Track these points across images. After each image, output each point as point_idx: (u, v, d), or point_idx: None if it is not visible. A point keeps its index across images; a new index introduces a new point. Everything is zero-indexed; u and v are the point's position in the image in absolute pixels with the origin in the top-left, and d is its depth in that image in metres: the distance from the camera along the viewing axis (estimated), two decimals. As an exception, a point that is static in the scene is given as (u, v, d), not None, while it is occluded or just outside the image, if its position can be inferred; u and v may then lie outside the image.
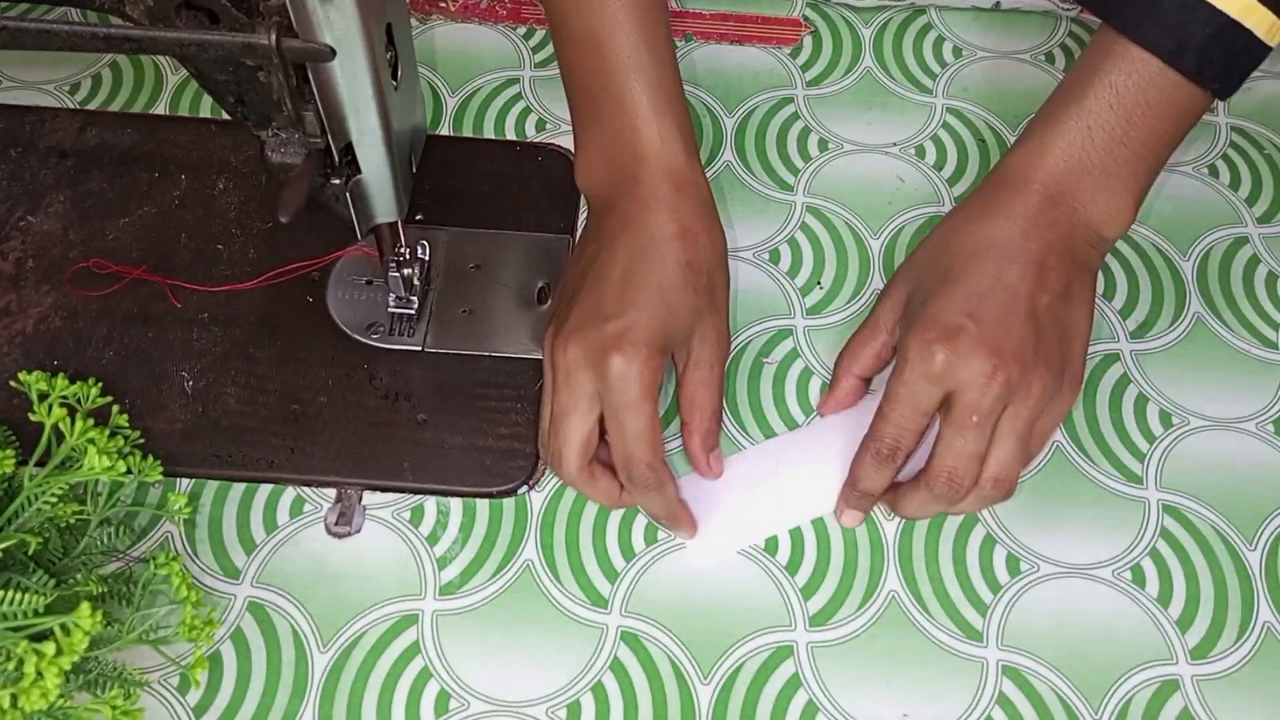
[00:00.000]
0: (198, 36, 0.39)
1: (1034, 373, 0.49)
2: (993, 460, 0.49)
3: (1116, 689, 0.51)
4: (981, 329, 0.49)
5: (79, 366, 0.56)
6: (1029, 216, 0.52)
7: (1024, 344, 0.49)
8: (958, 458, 0.49)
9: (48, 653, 0.39)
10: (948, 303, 0.50)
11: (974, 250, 0.51)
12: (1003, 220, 0.52)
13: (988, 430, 0.49)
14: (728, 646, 0.51)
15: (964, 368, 0.48)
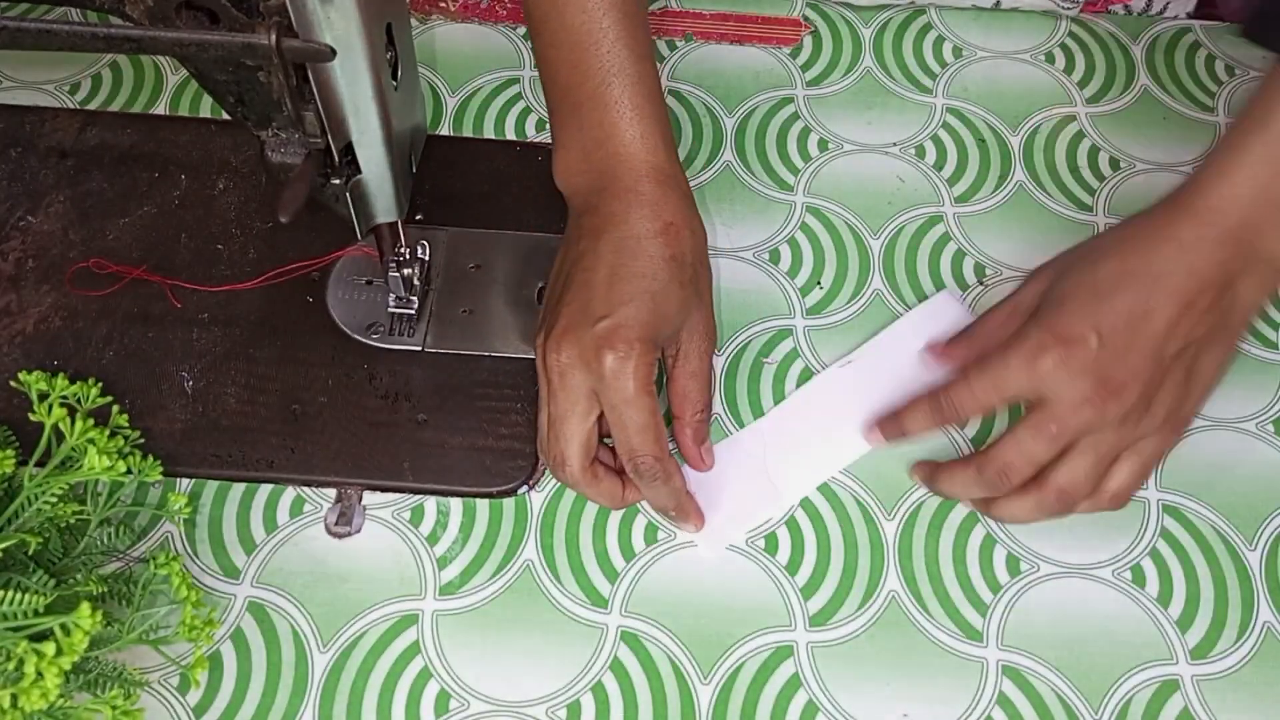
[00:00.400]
0: (198, 36, 0.39)
1: (1135, 412, 0.49)
2: (1062, 472, 0.50)
3: (1116, 689, 0.51)
4: (1102, 351, 0.48)
5: (79, 366, 0.56)
6: (1203, 252, 0.50)
7: (1137, 380, 0.49)
8: (1020, 455, 0.49)
9: (48, 653, 0.39)
10: (1083, 311, 0.50)
11: (1131, 270, 0.50)
12: (1173, 249, 0.50)
13: (1060, 445, 0.49)
14: (728, 646, 0.51)
15: (1066, 381, 0.48)
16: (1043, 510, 0.50)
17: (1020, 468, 0.50)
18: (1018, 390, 0.50)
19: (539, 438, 0.53)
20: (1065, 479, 0.50)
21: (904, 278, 0.62)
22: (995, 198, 0.65)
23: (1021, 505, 0.51)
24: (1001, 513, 0.52)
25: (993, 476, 0.50)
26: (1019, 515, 0.52)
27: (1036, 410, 0.49)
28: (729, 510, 0.54)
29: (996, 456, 0.50)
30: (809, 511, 0.54)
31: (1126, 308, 0.49)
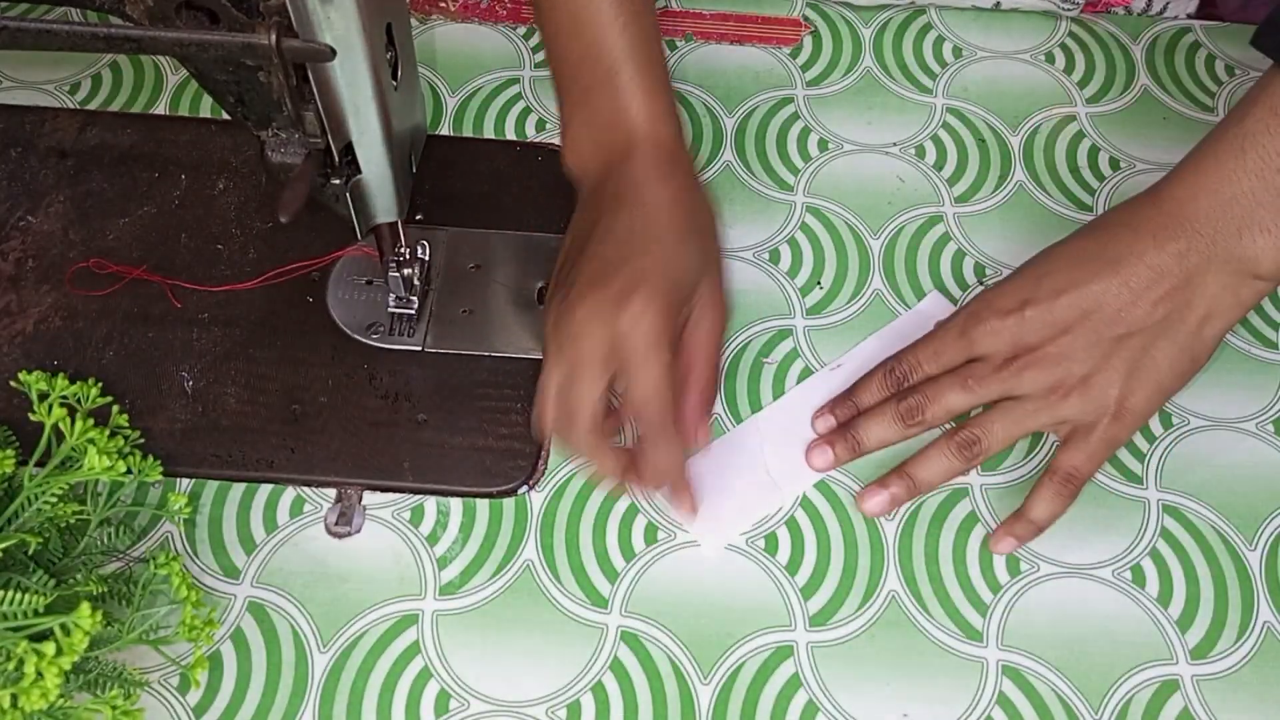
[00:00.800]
0: (198, 36, 0.39)
1: (1066, 386, 0.50)
2: (977, 420, 0.52)
3: (1116, 689, 0.51)
4: (1032, 322, 0.51)
5: (79, 366, 0.56)
6: (1158, 239, 0.50)
7: (1069, 356, 0.50)
8: (936, 394, 0.52)
9: (48, 653, 0.39)
10: (1020, 286, 0.52)
11: (1082, 252, 0.52)
12: (1128, 234, 0.51)
13: (976, 398, 0.52)
14: (728, 646, 0.51)
15: (990, 345, 0.51)
16: (953, 457, 0.52)
17: (934, 403, 0.52)
18: (953, 352, 0.52)
19: (540, 401, 0.50)
20: (978, 423, 0.51)
21: (904, 278, 0.62)
22: (995, 198, 0.65)
23: (935, 454, 0.52)
24: (917, 468, 0.53)
25: (908, 409, 0.52)
26: (933, 470, 0.52)
27: (963, 366, 0.52)
28: (730, 507, 0.54)
29: (919, 389, 0.52)
30: (809, 511, 0.54)
31: (1066, 286, 0.50)
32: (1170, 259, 0.50)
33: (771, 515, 0.54)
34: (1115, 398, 0.50)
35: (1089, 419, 0.51)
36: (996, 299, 0.52)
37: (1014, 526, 0.52)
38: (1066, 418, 0.51)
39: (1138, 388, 0.50)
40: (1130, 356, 0.50)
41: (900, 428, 0.53)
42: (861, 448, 0.54)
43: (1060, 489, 0.51)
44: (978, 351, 0.52)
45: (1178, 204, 0.50)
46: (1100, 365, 0.50)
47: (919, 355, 0.54)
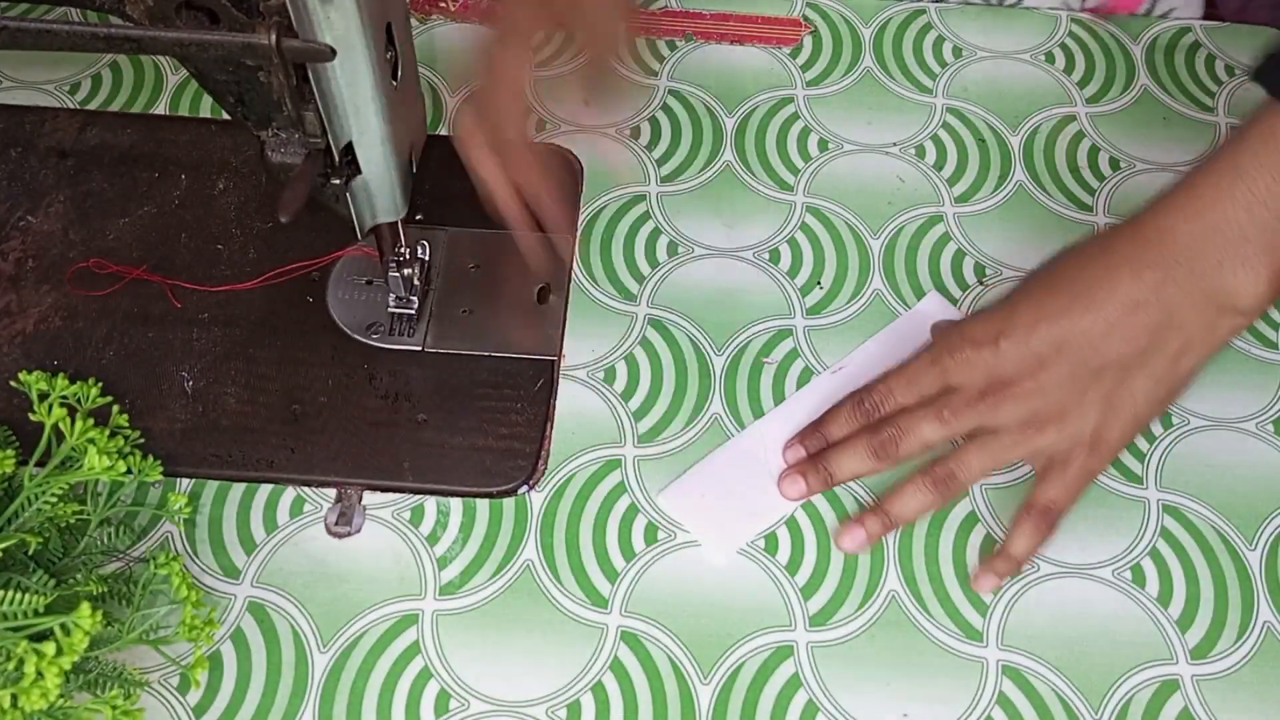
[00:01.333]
0: (198, 36, 0.39)
1: (1042, 419, 0.50)
2: (953, 455, 0.51)
3: (1116, 689, 0.51)
4: (1007, 355, 0.50)
5: (79, 366, 0.56)
6: (1137, 269, 0.49)
7: (1044, 388, 0.49)
8: (910, 425, 0.51)
9: (48, 653, 0.39)
10: (995, 317, 0.51)
11: (1057, 283, 0.51)
12: (1105, 263, 0.50)
13: (951, 430, 0.51)
14: (728, 646, 0.51)
15: (966, 377, 0.50)
16: (928, 491, 0.51)
17: (908, 436, 0.51)
18: (926, 383, 0.52)
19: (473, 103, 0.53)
20: (954, 458, 0.51)
21: (904, 278, 0.62)
22: (995, 198, 0.65)
23: (911, 490, 0.51)
24: (893, 504, 0.52)
25: (882, 444, 0.51)
26: (909, 504, 0.52)
27: (939, 398, 0.51)
28: (736, 514, 0.54)
29: (889, 423, 0.52)
30: (809, 511, 0.54)
31: (1039, 319, 0.49)
32: (1148, 290, 0.48)
33: (776, 522, 0.54)
34: (1092, 430, 0.50)
35: (1065, 451, 0.50)
36: (971, 329, 0.51)
37: (994, 564, 0.52)
38: (1042, 450, 0.50)
39: (1114, 421, 0.50)
40: (1107, 389, 0.49)
41: (873, 461, 0.52)
42: (834, 480, 0.53)
43: (1039, 523, 0.51)
44: (952, 382, 0.51)
45: (1158, 233, 0.49)
46: (1077, 398, 0.49)
47: (890, 386, 0.53)
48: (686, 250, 0.62)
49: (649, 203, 0.64)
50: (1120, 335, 0.49)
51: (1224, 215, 0.47)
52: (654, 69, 0.68)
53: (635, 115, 0.67)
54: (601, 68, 0.55)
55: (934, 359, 0.52)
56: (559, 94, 0.58)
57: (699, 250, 0.62)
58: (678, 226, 0.63)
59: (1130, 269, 0.49)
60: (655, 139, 0.66)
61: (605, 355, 0.58)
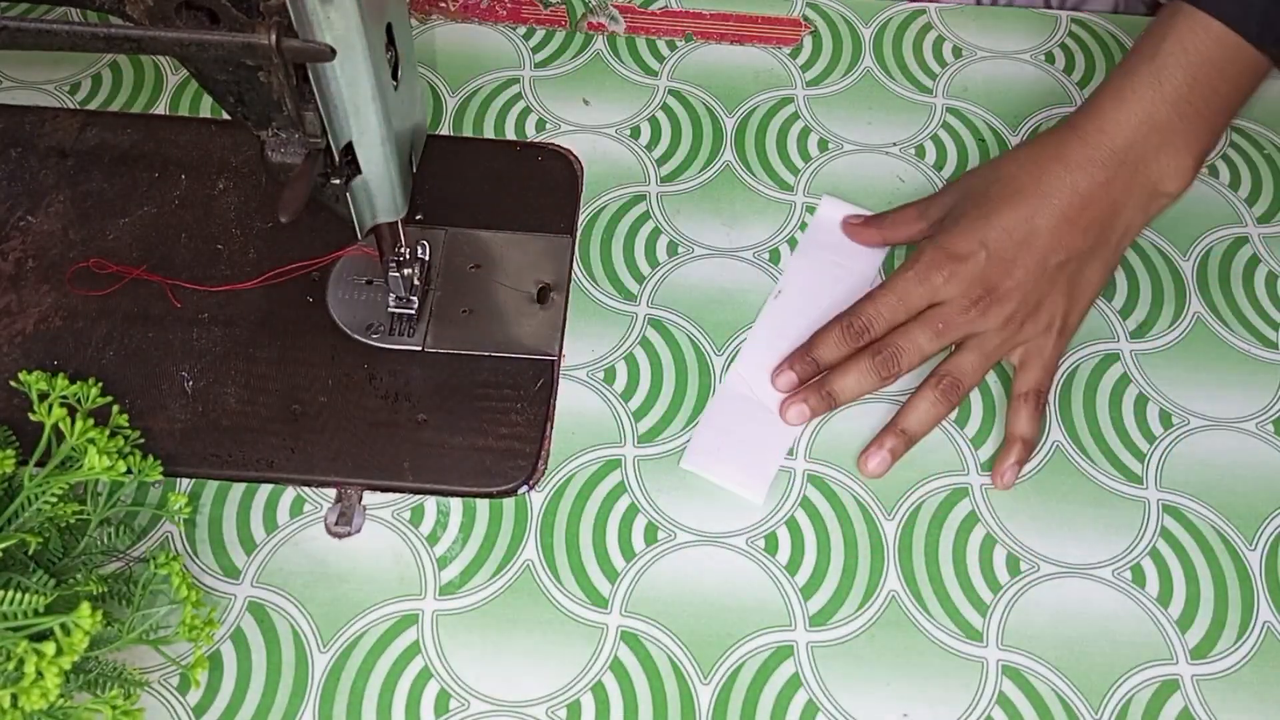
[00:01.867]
0: (198, 36, 0.39)
1: (1019, 316, 0.55)
2: (950, 363, 0.56)
3: (1116, 689, 0.51)
4: (989, 263, 0.55)
5: (79, 366, 0.56)
6: (1088, 171, 0.55)
7: (1020, 288, 0.55)
8: (910, 343, 0.55)
9: (48, 653, 0.39)
10: (973, 229, 0.55)
11: (1020, 189, 0.55)
12: (1060, 168, 0.55)
13: (947, 339, 0.56)
14: (728, 646, 0.51)
15: (955, 290, 0.55)
16: (939, 400, 0.55)
17: (908, 351, 0.55)
18: (916, 301, 0.56)
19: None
20: (953, 365, 0.56)
21: (904, 278, 0.62)
22: (995, 198, 0.65)
23: (923, 402, 0.55)
24: (908, 418, 0.55)
25: (882, 361, 0.55)
26: (924, 416, 0.55)
27: (930, 311, 0.56)
28: (753, 455, 0.56)
29: (889, 342, 0.55)
30: (809, 511, 0.54)
31: (1014, 223, 0.55)
32: (1099, 188, 0.55)
33: (791, 446, 0.56)
34: (1059, 317, 0.56)
35: (1040, 340, 0.56)
36: (952, 244, 0.55)
37: (1010, 454, 0.55)
38: (1022, 342, 0.56)
39: (1075, 306, 0.56)
40: (1068, 279, 0.56)
41: (877, 379, 0.55)
42: (837, 401, 0.56)
43: (1033, 405, 0.55)
44: (940, 297, 0.55)
45: (1104, 136, 0.55)
46: (1046, 291, 0.55)
47: (879, 306, 0.56)
48: (686, 250, 0.62)
49: (649, 203, 0.64)
50: (1076, 230, 0.55)
51: (1155, 115, 0.54)
52: (654, 69, 0.68)
53: (635, 115, 0.67)
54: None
55: (922, 276, 0.55)
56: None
57: (699, 250, 0.62)
58: (678, 226, 0.63)
59: (1082, 170, 0.55)
60: (655, 139, 0.66)
61: (605, 355, 0.58)
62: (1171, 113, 0.54)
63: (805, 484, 0.55)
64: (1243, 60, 0.54)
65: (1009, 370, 0.58)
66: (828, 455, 0.56)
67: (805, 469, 0.56)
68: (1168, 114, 0.54)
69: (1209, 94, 0.54)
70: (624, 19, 0.71)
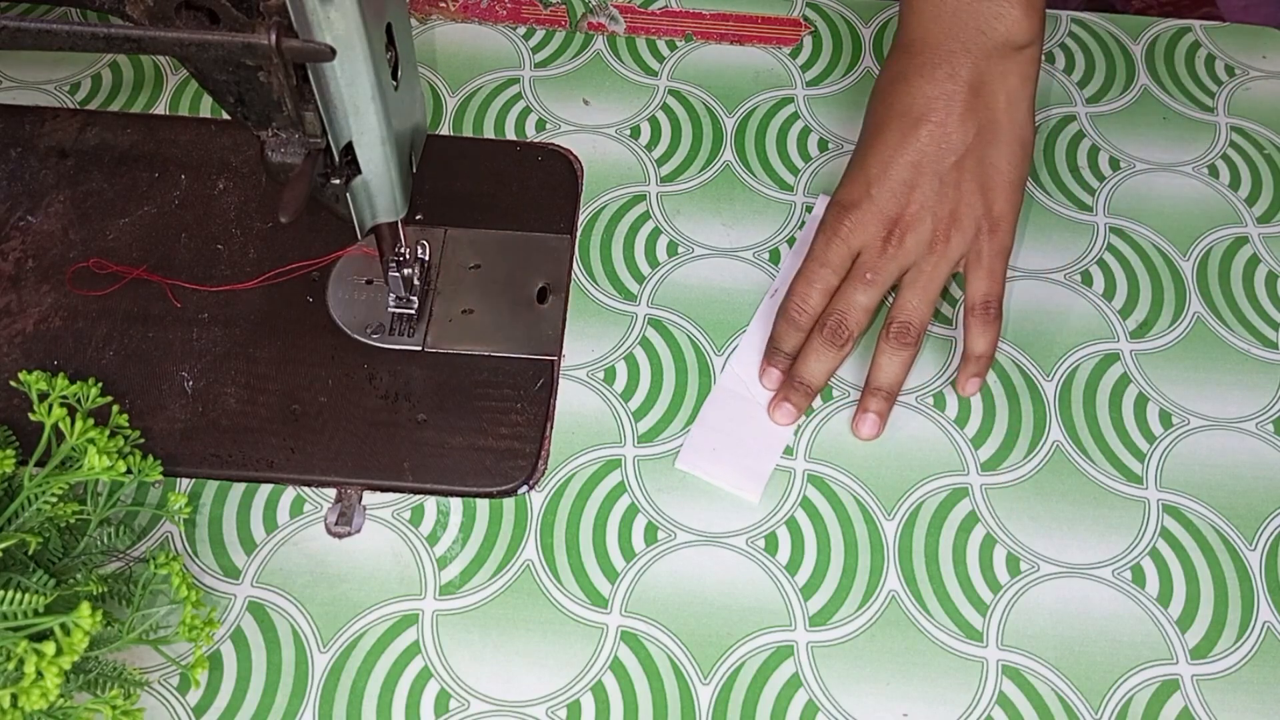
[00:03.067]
0: (198, 36, 0.39)
1: (940, 232, 0.55)
2: (894, 308, 0.56)
3: (1116, 689, 0.51)
4: (881, 197, 0.55)
5: (79, 366, 0.56)
6: (926, 74, 0.54)
7: (926, 207, 0.55)
8: (847, 304, 0.55)
9: (48, 652, 0.39)
10: (855, 174, 0.56)
11: (879, 122, 0.56)
12: (903, 86, 0.55)
13: (880, 285, 0.55)
14: (728, 646, 0.51)
15: (864, 234, 0.55)
16: (898, 349, 0.55)
17: (854, 315, 0.55)
18: (836, 260, 0.56)
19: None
20: (896, 310, 0.55)
21: (904, 278, 0.62)
22: (995, 198, 0.65)
23: (882, 357, 0.55)
24: (877, 376, 0.56)
25: (830, 333, 0.55)
26: (889, 369, 0.55)
27: (853, 265, 0.56)
28: (750, 453, 0.56)
29: (829, 312, 0.56)
30: (809, 511, 0.55)
31: (889, 154, 0.55)
32: (949, 83, 0.54)
33: (785, 443, 0.56)
34: (984, 216, 0.55)
35: (974, 245, 0.55)
36: (841, 196, 0.56)
37: (967, 368, 0.56)
38: (957, 255, 0.55)
39: (995, 195, 0.55)
40: (973, 174, 0.55)
41: (834, 350, 0.56)
42: (813, 388, 0.56)
43: (985, 317, 0.56)
44: (855, 247, 0.55)
45: (921, 40, 0.55)
46: (956, 197, 0.55)
47: (806, 281, 0.56)
48: (686, 250, 0.62)
49: (649, 203, 0.64)
50: (949, 128, 0.54)
51: (944, 4, 0.54)
52: (654, 69, 0.68)
53: (635, 115, 0.67)
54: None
55: (829, 236, 0.56)
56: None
57: (699, 250, 0.62)
58: (678, 226, 0.63)
59: (921, 76, 0.55)
60: (655, 139, 0.66)
61: (605, 355, 0.58)
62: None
63: (805, 484, 0.55)
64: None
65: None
66: (827, 455, 0.56)
67: (805, 469, 0.56)
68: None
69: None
70: (624, 19, 0.71)
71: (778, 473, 0.55)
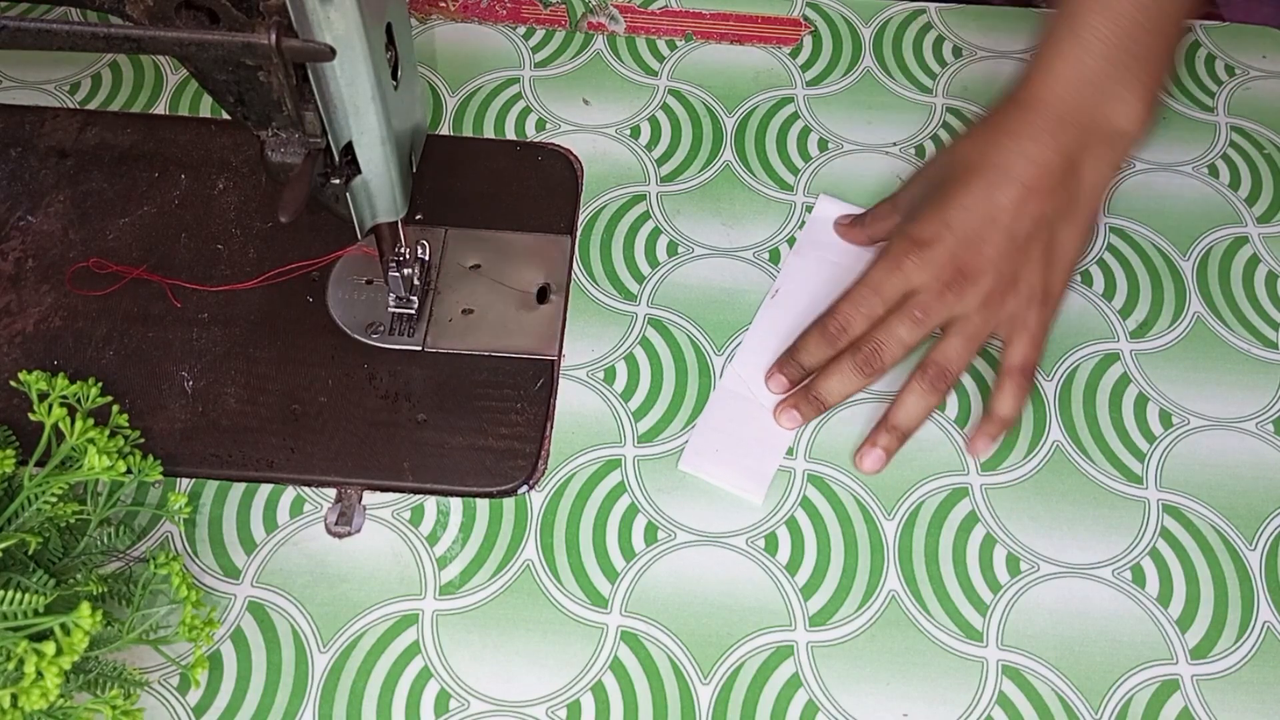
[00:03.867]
0: (198, 36, 0.39)
1: (997, 293, 0.54)
2: (935, 350, 0.55)
3: (1116, 689, 0.51)
4: (955, 245, 0.54)
5: (79, 366, 0.56)
6: (1037, 137, 0.54)
7: (991, 265, 0.54)
8: (889, 336, 0.55)
9: (48, 652, 0.39)
10: (934, 213, 0.55)
11: (974, 166, 0.55)
12: (1009, 139, 0.55)
13: (927, 326, 0.55)
14: (728, 646, 0.51)
15: (925, 274, 0.54)
16: (928, 392, 0.54)
17: (889, 345, 0.54)
18: (890, 292, 0.55)
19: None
20: (938, 353, 0.55)
21: (904, 278, 0.62)
22: (995, 198, 0.65)
23: (910, 396, 0.55)
24: (898, 414, 0.55)
25: (863, 359, 0.55)
26: (913, 410, 0.55)
27: (905, 301, 0.55)
28: (753, 455, 0.55)
29: (868, 338, 0.55)
30: (809, 511, 0.55)
31: (973, 201, 0.55)
32: (1051, 153, 0.54)
33: (787, 446, 0.56)
34: (1039, 286, 0.55)
35: (1023, 312, 0.55)
36: (916, 232, 0.55)
37: (986, 428, 0.55)
38: (1005, 317, 0.55)
39: (1055, 272, 0.56)
40: (1042, 246, 0.55)
41: (860, 378, 0.55)
42: (825, 405, 0.56)
43: (1020, 381, 0.55)
44: (913, 285, 0.55)
45: (1043, 103, 0.55)
46: (1020, 262, 0.55)
47: (854, 303, 0.56)
48: (686, 250, 0.62)
49: (649, 203, 0.64)
50: (1038, 197, 0.54)
51: (1083, 69, 0.55)
52: (654, 69, 0.68)
53: (635, 115, 0.67)
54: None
55: (891, 267, 0.55)
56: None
57: (699, 250, 0.62)
58: (678, 226, 0.63)
59: (1030, 138, 0.55)
60: (655, 139, 0.66)
61: (605, 355, 0.58)
62: (1100, 63, 0.54)
63: (805, 484, 0.55)
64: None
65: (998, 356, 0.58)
66: (827, 455, 0.56)
67: (805, 469, 0.56)
68: (1096, 65, 0.54)
69: (1136, 36, 0.54)
70: (624, 19, 0.71)
71: (778, 473, 0.55)
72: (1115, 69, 0.54)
